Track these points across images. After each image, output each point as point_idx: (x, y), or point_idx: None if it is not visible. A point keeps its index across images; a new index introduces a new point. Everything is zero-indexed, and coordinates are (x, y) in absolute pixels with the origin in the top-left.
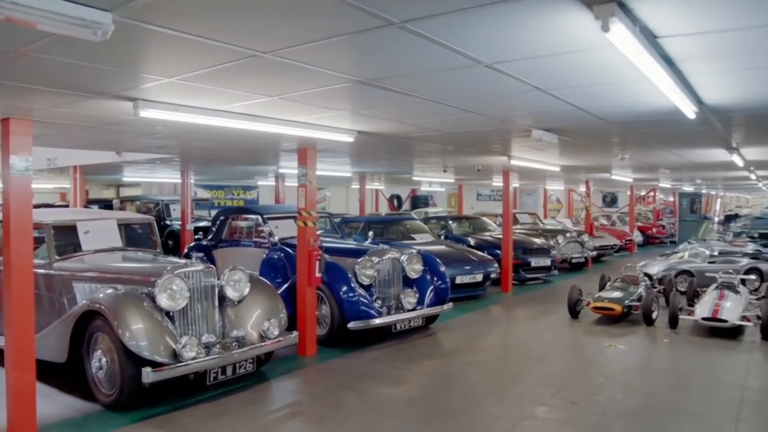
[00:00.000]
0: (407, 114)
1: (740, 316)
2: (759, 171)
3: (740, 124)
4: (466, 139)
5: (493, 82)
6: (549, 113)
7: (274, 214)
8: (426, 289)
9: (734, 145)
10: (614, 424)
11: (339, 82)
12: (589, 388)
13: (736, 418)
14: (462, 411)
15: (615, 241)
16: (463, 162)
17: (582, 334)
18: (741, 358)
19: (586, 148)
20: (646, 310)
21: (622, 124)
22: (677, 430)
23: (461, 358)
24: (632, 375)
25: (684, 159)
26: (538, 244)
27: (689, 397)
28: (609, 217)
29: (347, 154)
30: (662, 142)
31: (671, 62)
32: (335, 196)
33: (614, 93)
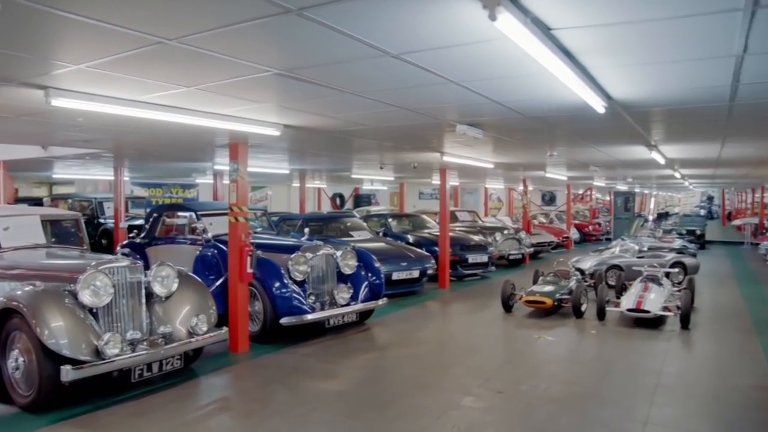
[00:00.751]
0: (330, 107)
1: (662, 307)
2: (683, 169)
3: (651, 120)
4: (394, 134)
5: (405, 74)
6: (469, 107)
7: (208, 210)
8: (360, 285)
9: (653, 142)
10: (536, 411)
11: (253, 72)
12: (515, 378)
13: (650, 401)
14: (390, 403)
15: (552, 238)
16: (399, 159)
17: (513, 327)
18: (661, 346)
19: (515, 145)
20: (576, 303)
21: (541, 119)
22: (596, 414)
23: (394, 352)
24: (558, 365)
25: (609, 156)
26: (476, 241)
27: (610, 383)
28: (547, 215)
29: (282, 150)
30: (585, 138)
31: (571, 55)
32: (277, 195)
33: (523, 86)
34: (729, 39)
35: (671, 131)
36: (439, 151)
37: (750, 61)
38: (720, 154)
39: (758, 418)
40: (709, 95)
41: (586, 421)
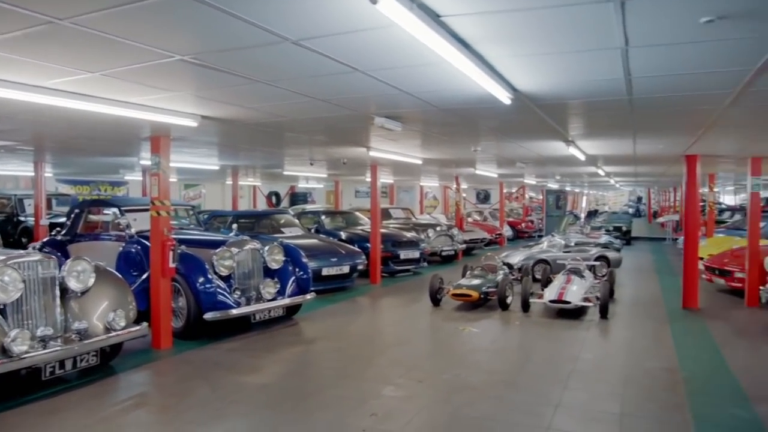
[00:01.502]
0: (244, 97)
1: (583, 298)
2: (607, 167)
3: (561, 113)
4: (316, 128)
5: (309, 62)
6: (381, 98)
7: (133, 206)
8: (287, 280)
9: (569, 137)
10: (454, 398)
11: (156, 57)
12: (437, 367)
13: (564, 386)
14: (312, 394)
15: (485, 235)
16: (328, 155)
17: (440, 320)
18: (580, 334)
19: (439, 140)
20: (501, 295)
21: (454, 111)
22: (512, 399)
23: (320, 345)
24: (480, 354)
25: (531, 152)
26: (408, 238)
27: (528, 371)
28: (481, 212)
29: (209, 144)
30: (504, 134)
31: (467, 45)
32: (212, 194)
33: (427, 76)
34: (609, 30)
35: (583, 126)
36: (366, 146)
37: (635, 54)
38: (635, 150)
39: (665, 397)
40: (607, 88)
41: (502, 405)
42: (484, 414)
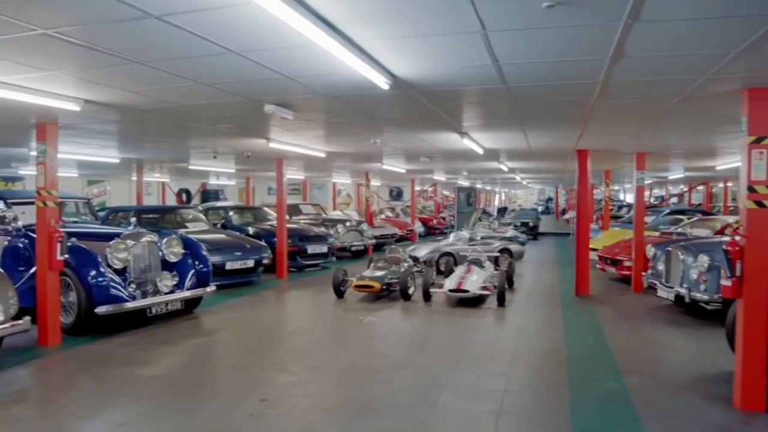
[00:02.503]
0: (124, 79)
1: (481, 287)
2: (510, 162)
3: (447, 102)
4: (209, 115)
5: (179, 40)
6: (264, 83)
7: (20, 198)
8: (186, 273)
9: (463, 129)
10: (346, 382)
11: (17, 30)
12: (333, 354)
13: (454, 368)
14: (203, 383)
15: (396, 231)
16: (231, 147)
17: (341, 311)
18: (477, 321)
19: (336, 130)
20: (403, 286)
21: (340, 99)
22: (402, 381)
23: (218, 337)
24: (376, 342)
25: (430, 144)
26: (316, 232)
27: (422, 355)
28: (393, 209)
29: (103, 134)
30: (399, 125)
31: (332, 26)
32: (118, 190)
33: (303, 59)
34: (462, 13)
35: (474, 117)
36: (265, 137)
37: (496, 39)
38: (529, 144)
39: (547, 375)
40: (482, 76)
41: (391, 387)
42: (372, 396)
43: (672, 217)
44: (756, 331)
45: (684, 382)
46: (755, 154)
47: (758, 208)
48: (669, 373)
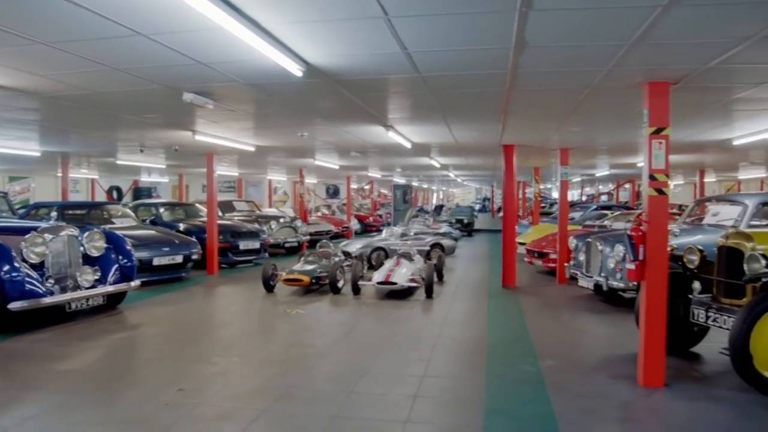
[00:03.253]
0: (30, 61)
1: (409, 279)
2: (441, 158)
3: (365, 92)
4: (127, 103)
5: (84, 19)
6: (180, 69)
7: None
8: (109, 268)
9: (388, 122)
10: (265, 371)
11: None
12: (257, 346)
13: (376, 356)
14: (121, 376)
15: (331, 228)
16: (157, 140)
17: (270, 305)
18: (404, 312)
19: (261, 122)
20: (332, 279)
21: (258, 87)
22: (322, 370)
23: (142, 331)
24: (301, 333)
25: (357, 137)
26: (248, 228)
27: (344, 345)
28: (330, 206)
29: (14, 122)
30: (323, 116)
31: (237, 8)
32: (43, 187)
33: (213, 43)
34: None
35: (396, 109)
36: (190, 130)
37: (400, 25)
38: (455, 138)
39: (467, 360)
40: (393, 64)
41: (312, 375)
42: (292, 383)
43: (598, 213)
44: (657, 312)
45: (595, 364)
46: (655, 145)
47: (658, 195)
48: (582, 356)
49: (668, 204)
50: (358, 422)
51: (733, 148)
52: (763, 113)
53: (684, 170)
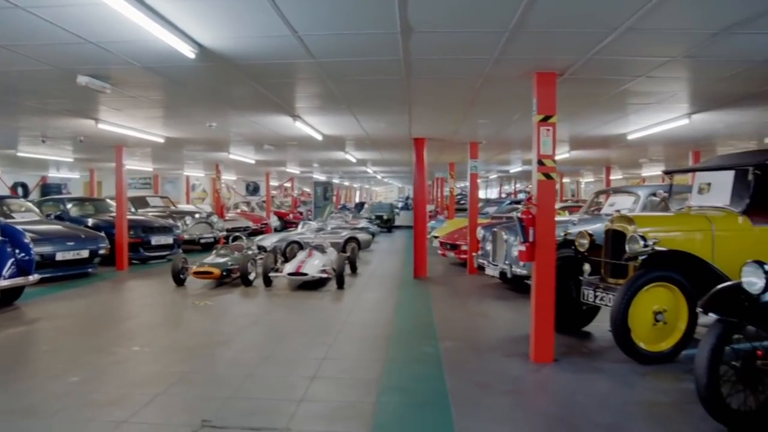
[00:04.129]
0: None
1: (320, 270)
2: (356, 153)
3: (265, 78)
4: (21, 86)
5: None
6: (69, 48)
7: None
8: (4, 262)
9: (295, 112)
10: (165, 358)
11: None
12: (159, 336)
13: (279, 342)
14: (12, 368)
15: (249, 224)
16: (59, 128)
17: (179, 297)
18: (313, 302)
19: (167, 111)
20: (243, 271)
21: (155, 70)
22: (223, 357)
23: (39, 326)
24: (207, 323)
25: (266, 128)
26: (161, 224)
27: (250, 332)
28: (249, 203)
29: None
30: (231, 106)
31: None
32: None
33: (94, 19)
34: None
35: (301, 98)
36: (93, 118)
37: (285, 5)
38: (365, 130)
39: (370, 344)
40: (286, 47)
41: (212, 361)
42: (190, 369)
43: (511, 207)
44: (546, 291)
45: (493, 345)
46: (543, 132)
47: (546, 179)
48: (481, 338)
49: (555, 188)
50: (253, 402)
51: (629, 142)
52: (651, 107)
53: (593, 167)
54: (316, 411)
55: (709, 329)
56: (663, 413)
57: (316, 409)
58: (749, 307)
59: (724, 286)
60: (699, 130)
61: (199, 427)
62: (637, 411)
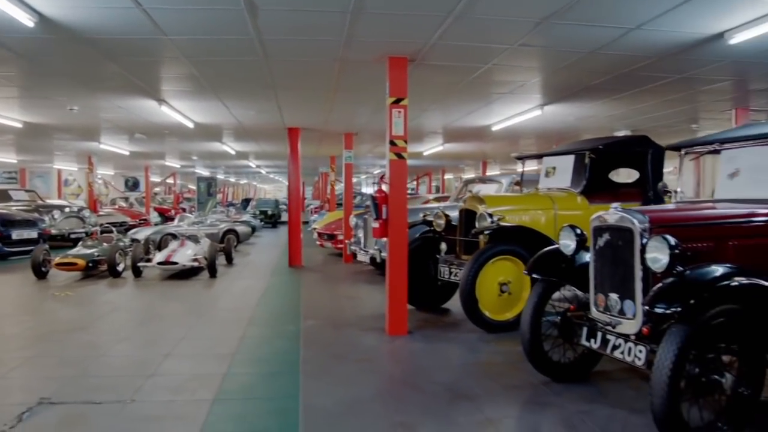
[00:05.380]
0: None
1: (192, 259)
2: (235, 144)
3: (119, 55)
4: None
5: None
6: None
7: None
8: None
9: (160, 96)
10: (11, 344)
11: None
12: (10, 326)
13: (138, 325)
14: None
15: (126, 219)
16: None
17: (38, 290)
18: (182, 290)
19: (26, 92)
20: (111, 262)
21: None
22: (76, 341)
23: None
24: (64, 312)
25: (134, 114)
26: (24, 217)
27: (109, 319)
28: (127, 198)
29: None
30: (86, 87)
31: None
32: None
33: None
34: None
35: (161, 79)
36: None
37: None
38: (236, 118)
39: (232, 326)
40: (132, 20)
41: (64, 345)
42: (37, 353)
43: None
44: (399, 266)
45: (353, 322)
46: (395, 113)
47: (398, 159)
48: (344, 316)
49: (407, 167)
50: (100, 380)
51: (495, 134)
52: (508, 97)
53: (473, 162)
54: (164, 384)
55: (532, 289)
56: (497, 371)
57: (165, 382)
58: (566, 267)
59: (546, 250)
60: (553, 121)
61: (36, 404)
62: (475, 371)
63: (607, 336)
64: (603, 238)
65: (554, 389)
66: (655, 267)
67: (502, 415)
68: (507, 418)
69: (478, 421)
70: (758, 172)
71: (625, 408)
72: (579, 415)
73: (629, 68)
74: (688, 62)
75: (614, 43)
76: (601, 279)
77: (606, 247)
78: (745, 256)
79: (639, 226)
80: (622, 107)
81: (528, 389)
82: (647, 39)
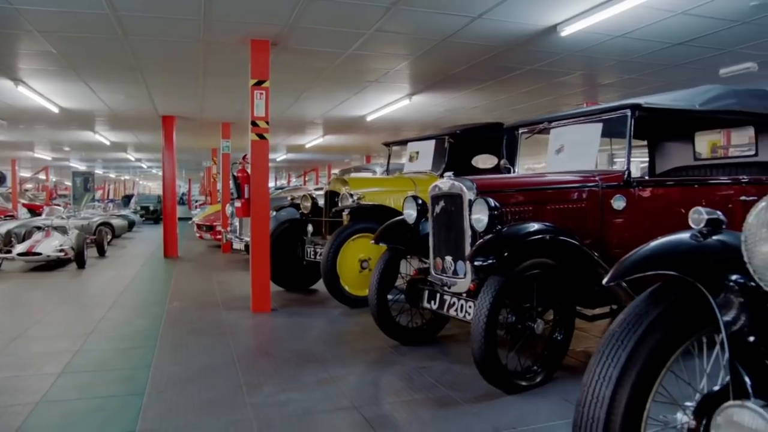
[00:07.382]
0: None
1: (58, 250)
2: (109, 134)
3: None
4: None
5: None
6: None
7: None
8: None
9: (17, 75)
10: None
11: None
12: None
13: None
14: None
15: None
16: None
17: None
18: (45, 281)
19: None
20: None
21: None
22: None
23: None
24: None
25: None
26: None
27: None
28: None
29: None
30: None
31: None
32: None
33: None
34: None
35: (9, 52)
36: None
37: None
38: (105, 103)
39: (95, 310)
40: None
41: None
42: None
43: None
44: (262, 245)
45: (219, 303)
46: (257, 95)
47: (260, 140)
48: (211, 299)
49: (268, 148)
50: None
51: (371, 125)
52: (377, 86)
53: (359, 155)
54: (9, 362)
55: (379, 258)
56: (351, 339)
57: (9, 360)
58: (410, 237)
59: (392, 220)
60: (424, 112)
61: None
62: (330, 339)
63: (444, 296)
64: (439, 205)
65: (400, 351)
66: (478, 227)
67: (346, 373)
68: (350, 375)
69: (322, 378)
70: (578, 147)
71: (461, 363)
72: (418, 370)
73: (482, 58)
74: (532, 54)
75: (462, 31)
76: (438, 243)
77: (441, 214)
78: (560, 219)
79: (468, 192)
80: (485, 98)
81: (376, 352)
82: (491, 29)
